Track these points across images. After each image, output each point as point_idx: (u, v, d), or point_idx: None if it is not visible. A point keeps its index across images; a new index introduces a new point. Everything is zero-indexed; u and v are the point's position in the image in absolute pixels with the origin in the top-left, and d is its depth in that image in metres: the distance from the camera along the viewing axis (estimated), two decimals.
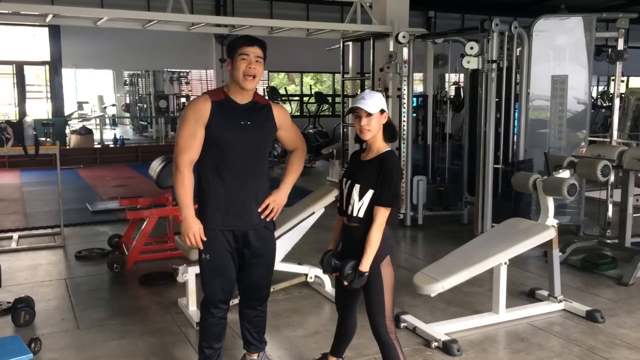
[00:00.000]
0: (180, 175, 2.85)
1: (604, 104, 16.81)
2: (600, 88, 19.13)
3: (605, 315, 4.10)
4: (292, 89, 20.30)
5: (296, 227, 4.39)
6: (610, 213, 6.30)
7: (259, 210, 2.98)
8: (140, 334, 3.92)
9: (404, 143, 6.80)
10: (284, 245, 4.40)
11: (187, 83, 21.22)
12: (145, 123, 20.64)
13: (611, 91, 18.86)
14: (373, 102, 2.75)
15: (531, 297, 4.54)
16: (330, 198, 4.41)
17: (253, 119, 2.92)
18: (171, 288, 4.80)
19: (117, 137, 14.72)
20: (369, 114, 2.74)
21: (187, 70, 20.63)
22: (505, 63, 5.84)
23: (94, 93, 22.61)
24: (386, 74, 7.10)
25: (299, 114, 17.50)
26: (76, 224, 7.04)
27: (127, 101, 22.84)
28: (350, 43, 8.74)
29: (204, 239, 2.90)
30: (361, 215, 2.77)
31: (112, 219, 7.33)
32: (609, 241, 5.72)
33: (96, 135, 14.28)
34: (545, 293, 4.42)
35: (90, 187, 10.04)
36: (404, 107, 6.74)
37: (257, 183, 2.99)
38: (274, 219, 3.08)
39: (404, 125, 6.78)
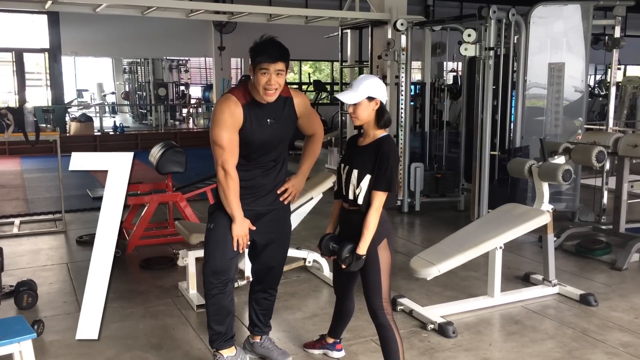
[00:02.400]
0: (232, 180, 2.90)
1: (602, 93, 16.82)
2: (598, 77, 19.14)
3: (598, 299, 4.17)
4: (291, 77, 20.30)
5: (294, 212, 4.43)
6: (605, 200, 6.35)
7: (278, 192, 3.10)
8: (141, 317, 3.99)
9: (401, 130, 6.85)
10: None
11: (187, 71, 21.21)
12: (145, 111, 20.65)
13: (608, 79, 18.90)
14: (356, 91, 2.75)
15: (526, 281, 4.61)
16: (328, 183, 4.47)
17: (277, 117, 2.98)
18: (171, 272, 4.87)
19: (117, 124, 14.74)
20: (354, 103, 2.77)
21: (186, 58, 20.62)
22: (503, 50, 5.87)
23: (93, 81, 22.60)
24: (384, 62, 7.13)
25: None
26: (77, 209, 7.10)
27: (127, 89, 22.82)
28: (348, 31, 8.76)
29: (246, 231, 2.97)
30: (359, 200, 2.81)
31: None
32: (603, 227, 5.79)
33: (96, 123, 14.30)
34: (539, 277, 4.49)
35: (90, 174, 10.07)
36: (402, 95, 6.78)
37: (278, 172, 3.10)
38: (292, 203, 3.20)
39: (401, 113, 6.82)
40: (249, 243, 3.01)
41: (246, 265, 4.36)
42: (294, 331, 3.74)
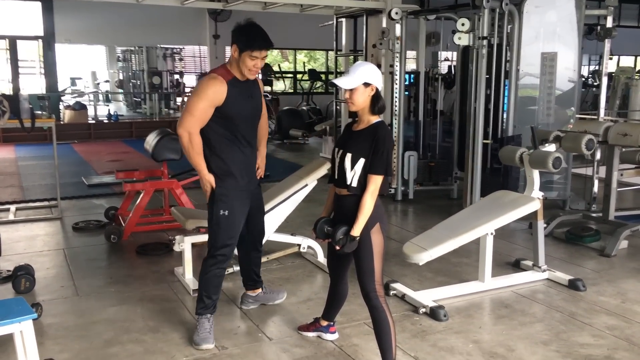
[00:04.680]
0: (196, 141, 3.25)
1: (595, 83, 16.89)
2: (592, 67, 19.21)
3: (587, 284, 4.26)
4: (286, 66, 20.26)
5: (289, 199, 4.51)
6: (596, 188, 6.44)
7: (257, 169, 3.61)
8: (138, 301, 4.05)
9: (395, 119, 6.90)
10: (277, 216, 4.53)
11: (181, 59, 21.13)
12: (139, 99, 20.58)
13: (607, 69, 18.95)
14: (353, 77, 2.82)
15: (516, 267, 4.70)
16: (322, 170, 4.52)
17: (253, 94, 3.42)
18: (167, 258, 4.93)
19: (111, 113, 14.71)
20: (351, 88, 2.83)
21: (181, 47, 20.53)
22: (496, 40, 5.92)
23: (87, 69, 22.49)
24: (379, 51, 7.16)
25: (292, 91, 17.51)
26: (72, 197, 7.13)
27: (121, 77, 22.72)
28: (343, 19, 8.77)
29: (214, 185, 3.34)
30: (354, 184, 2.87)
31: (108, 192, 7.43)
32: (593, 215, 5.89)
33: (90, 112, 14.27)
34: (529, 263, 4.58)
35: (85, 161, 10.10)
36: (396, 84, 6.82)
37: (256, 146, 3.56)
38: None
39: (396, 102, 6.87)
40: (214, 186, 3.35)
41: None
42: (289, 315, 3.81)
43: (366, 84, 2.83)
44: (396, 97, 6.86)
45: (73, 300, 4.08)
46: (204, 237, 4.40)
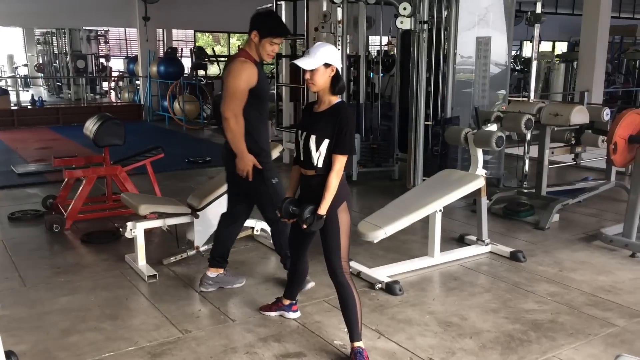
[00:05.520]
0: (240, 123, 3.48)
1: (517, 67, 17.71)
2: (513, 52, 20.10)
3: (526, 255, 4.54)
4: (219, 49, 19.93)
5: None
6: (527, 167, 6.81)
7: None
8: (90, 289, 3.95)
9: None
10: None
11: (106, 42, 20.34)
12: (61, 84, 19.68)
13: (526, 54, 19.90)
14: (314, 58, 2.86)
15: (461, 242, 4.92)
16: (275, 153, 4.53)
17: (264, 74, 3.72)
18: (115, 246, 4.83)
19: (35, 98, 14.00)
20: (312, 69, 2.87)
21: (105, 29, 19.74)
22: (435, 24, 6.10)
23: (2, 53, 21.24)
24: (320, 34, 7.20)
25: None
26: (3, 186, 6.79)
27: (41, 61, 21.61)
28: (283, 2, 8.72)
29: (259, 167, 3.56)
30: (320, 164, 2.92)
31: (42, 181, 7.13)
32: (526, 191, 6.23)
33: (11, 97, 13.52)
34: (473, 238, 4.82)
35: (11, 149, 9.59)
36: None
37: None
38: None
39: None
40: (259, 167, 3.59)
41: (196, 235, 4.40)
42: (248, 296, 3.84)
43: (326, 65, 2.88)
44: None
45: (21, 292, 3.93)
46: (156, 223, 4.37)
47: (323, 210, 2.88)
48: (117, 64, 20.89)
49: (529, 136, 6.60)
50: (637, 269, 4.35)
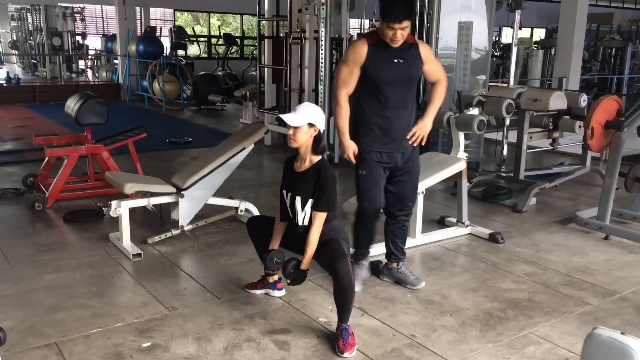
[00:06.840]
0: (339, 107, 3.42)
1: (496, 53, 17.86)
2: (493, 38, 20.26)
3: (504, 237, 4.66)
4: (198, 29, 19.70)
5: (227, 163, 4.53)
6: (505, 151, 6.95)
7: (408, 137, 3.53)
8: (75, 267, 3.96)
9: (321, 85, 7.02)
10: (215, 180, 4.55)
11: (82, 20, 19.96)
12: (36, 61, 19.31)
13: (505, 40, 20.06)
14: (300, 116, 3.01)
15: (441, 224, 5.03)
16: (260, 134, 4.58)
17: (404, 57, 3.39)
18: (99, 224, 4.83)
19: (10, 76, 13.72)
20: (296, 126, 3.00)
21: (82, 6, 19.36)
22: (418, 8, 6.15)
23: None
24: (304, 16, 7.21)
25: (206, 55, 17.10)
26: None
27: (14, 38, 21.15)
28: None
29: (356, 152, 3.49)
30: (306, 223, 3.13)
31: (20, 160, 7.05)
32: (504, 175, 6.37)
33: None
34: (453, 220, 4.92)
35: None
36: (322, 49, 6.92)
37: (407, 112, 3.50)
38: (421, 144, 3.64)
39: (321, 67, 6.98)
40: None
41: (180, 214, 4.42)
42: (234, 275, 3.89)
43: (310, 125, 3.02)
44: (322, 63, 6.97)
45: (5, 269, 3.92)
46: (140, 202, 4.38)
47: (305, 265, 3.06)
48: (94, 42, 20.51)
49: (507, 121, 6.72)
50: (611, 250, 4.51)
